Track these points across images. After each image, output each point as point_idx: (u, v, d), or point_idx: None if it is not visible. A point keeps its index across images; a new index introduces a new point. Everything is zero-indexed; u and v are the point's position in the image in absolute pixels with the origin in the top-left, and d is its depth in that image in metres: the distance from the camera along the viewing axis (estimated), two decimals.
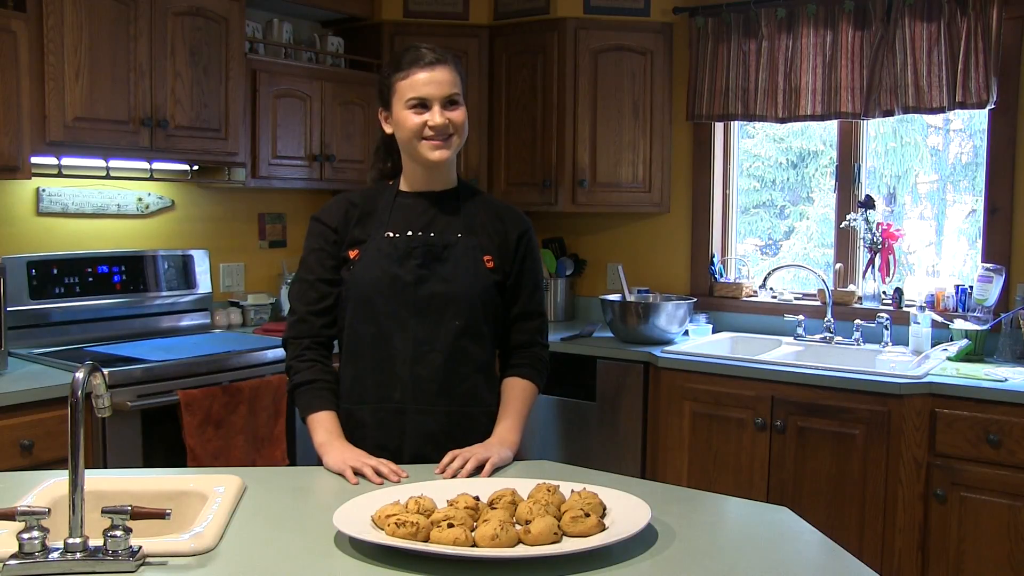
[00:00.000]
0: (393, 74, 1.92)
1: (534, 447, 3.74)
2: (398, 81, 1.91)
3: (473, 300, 1.92)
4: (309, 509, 1.57)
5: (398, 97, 1.91)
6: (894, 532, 2.98)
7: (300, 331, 1.99)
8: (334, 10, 3.96)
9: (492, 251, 1.97)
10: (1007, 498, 2.81)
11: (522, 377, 2.01)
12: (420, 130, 1.90)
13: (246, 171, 3.54)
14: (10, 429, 2.55)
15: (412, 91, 1.88)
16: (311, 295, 1.98)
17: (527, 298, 2.03)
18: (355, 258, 1.95)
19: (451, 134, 1.92)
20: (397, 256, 1.92)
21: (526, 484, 1.60)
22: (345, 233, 1.98)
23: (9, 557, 1.27)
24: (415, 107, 1.89)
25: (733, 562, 1.37)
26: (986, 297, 3.30)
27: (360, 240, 1.96)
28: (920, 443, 2.93)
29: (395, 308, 1.91)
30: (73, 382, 1.33)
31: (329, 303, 1.98)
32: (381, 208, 1.98)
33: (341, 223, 1.98)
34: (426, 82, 1.88)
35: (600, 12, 3.91)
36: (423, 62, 1.89)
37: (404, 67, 1.90)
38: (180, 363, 2.97)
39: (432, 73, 1.89)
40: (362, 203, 2.00)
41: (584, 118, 3.93)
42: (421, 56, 1.90)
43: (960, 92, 3.27)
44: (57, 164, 3.16)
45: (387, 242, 1.93)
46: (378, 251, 1.93)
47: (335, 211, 2.00)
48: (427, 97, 1.88)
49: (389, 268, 1.91)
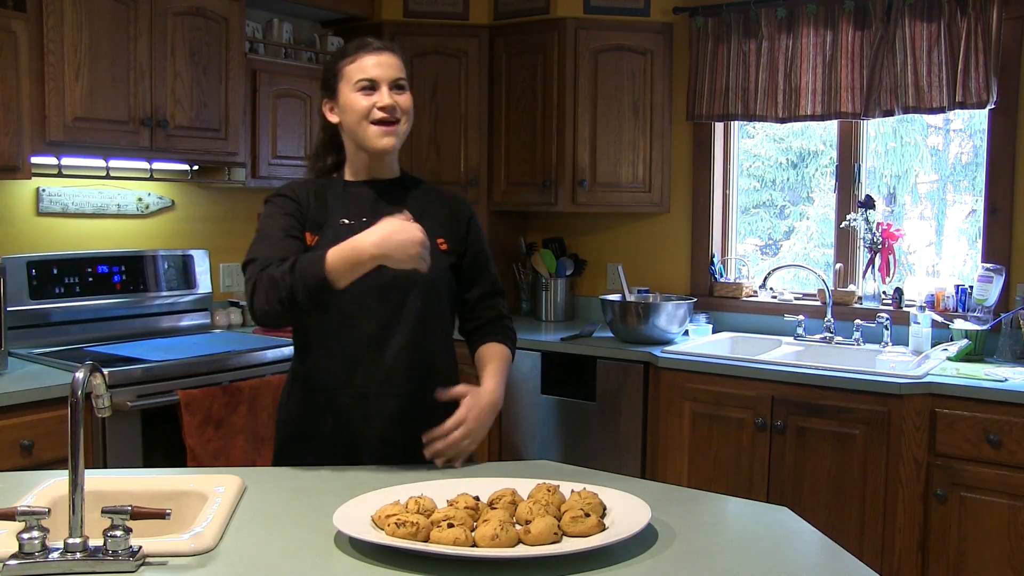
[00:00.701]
0: (339, 60, 1.95)
1: (534, 447, 3.74)
2: (346, 66, 1.94)
3: (432, 282, 1.94)
4: (309, 509, 1.56)
5: (346, 80, 1.93)
6: (894, 532, 2.98)
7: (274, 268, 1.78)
8: (334, 10, 3.96)
9: (444, 234, 1.99)
10: (1007, 498, 2.81)
11: (499, 343, 2.07)
12: (368, 111, 1.92)
13: (246, 171, 3.54)
14: (10, 429, 2.55)
15: (360, 72, 1.92)
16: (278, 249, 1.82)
17: (487, 278, 2.09)
18: (313, 244, 1.92)
19: (398, 119, 1.94)
20: None
21: (526, 484, 1.60)
22: (307, 211, 1.95)
23: (9, 557, 1.27)
24: (364, 89, 1.91)
25: (733, 562, 1.37)
26: (986, 297, 3.30)
27: (318, 223, 1.94)
28: (920, 443, 2.93)
29: (358, 293, 1.85)
30: (73, 382, 1.33)
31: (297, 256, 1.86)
32: (332, 197, 1.99)
33: (304, 199, 1.96)
34: (374, 64, 1.92)
35: (600, 12, 3.91)
36: (370, 48, 1.94)
37: (351, 53, 1.94)
38: (180, 363, 2.97)
39: (380, 56, 1.93)
40: (315, 189, 2.00)
41: (584, 118, 3.93)
42: (368, 43, 1.95)
43: (960, 92, 3.27)
44: (57, 164, 3.16)
45: (344, 228, 1.91)
46: (336, 238, 1.83)
47: (298, 188, 1.99)
48: (376, 78, 1.91)
49: None
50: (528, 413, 3.76)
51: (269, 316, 1.77)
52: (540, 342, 3.74)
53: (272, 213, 1.93)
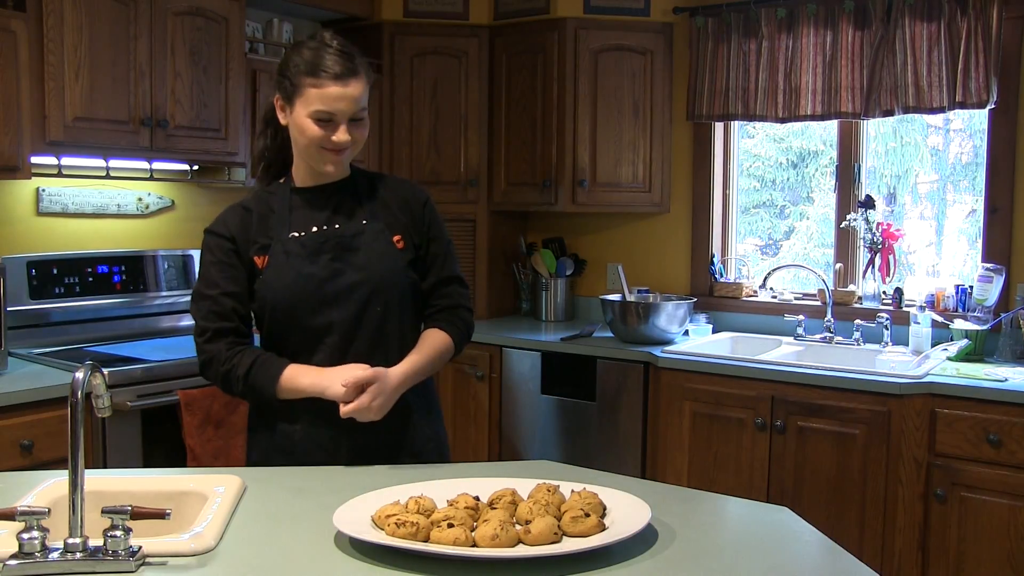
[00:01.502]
0: (303, 75, 1.82)
1: (534, 447, 3.74)
2: (307, 86, 1.82)
3: (391, 284, 1.91)
4: (309, 509, 1.56)
5: (303, 101, 1.83)
6: (894, 532, 2.98)
7: (217, 345, 1.87)
8: (334, 10, 3.96)
9: (400, 229, 1.96)
10: (1007, 498, 2.81)
11: (441, 330, 1.99)
12: (321, 141, 1.84)
13: (246, 171, 3.54)
14: (10, 429, 2.55)
15: (321, 104, 1.81)
16: (216, 310, 1.87)
17: (440, 264, 2.02)
18: (263, 266, 1.89)
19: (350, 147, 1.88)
20: (307, 254, 1.88)
21: (526, 484, 1.60)
22: (245, 241, 1.90)
23: (9, 557, 1.27)
24: (320, 120, 1.83)
25: (733, 562, 1.37)
26: (986, 297, 3.30)
27: (264, 245, 1.90)
28: (920, 443, 2.93)
29: (315, 305, 1.87)
30: (73, 382, 1.33)
31: (239, 316, 1.90)
32: (279, 209, 1.93)
33: (238, 231, 1.91)
34: (337, 98, 1.81)
35: (600, 12, 3.91)
36: (335, 73, 1.81)
37: (317, 73, 1.81)
38: (180, 363, 2.97)
39: (345, 89, 1.81)
40: (256, 207, 1.93)
41: (584, 118, 3.93)
42: (333, 65, 1.81)
43: (960, 92, 3.27)
44: (57, 164, 3.16)
45: (293, 242, 1.89)
46: (286, 253, 1.88)
47: (229, 220, 1.92)
48: (335, 113, 1.82)
49: (302, 268, 1.87)
50: (528, 413, 3.76)
51: (220, 388, 1.92)
52: (540, 342, 3.74)
53: (205, 260, 1.92)
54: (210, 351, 1.87)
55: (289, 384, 1.83)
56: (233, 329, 1.88)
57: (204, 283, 1.90)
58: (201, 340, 1.88)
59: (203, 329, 1.88)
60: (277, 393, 1.84)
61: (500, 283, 4.36)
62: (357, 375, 1.78)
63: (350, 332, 1.89)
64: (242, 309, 1.90)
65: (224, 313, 1.88)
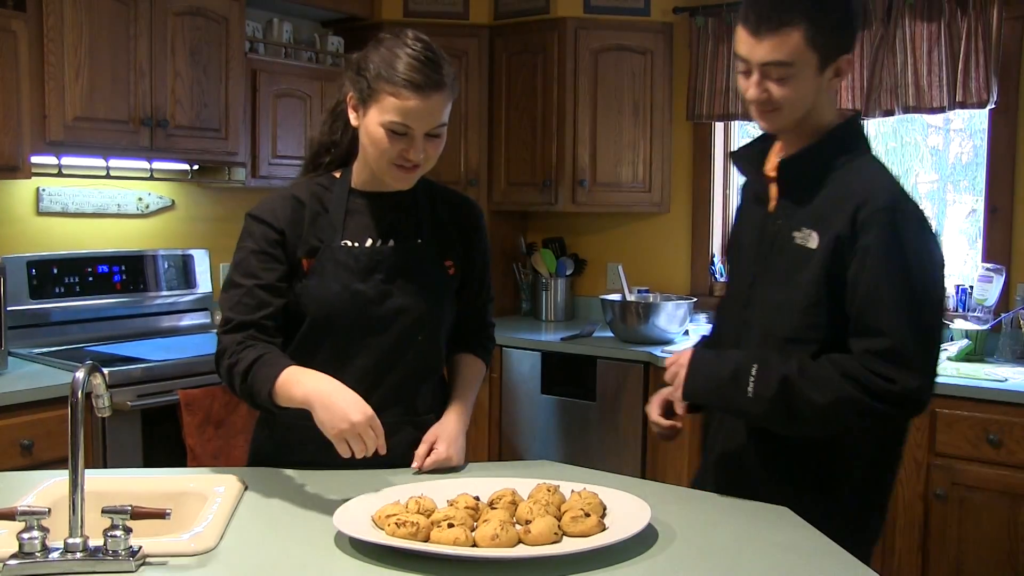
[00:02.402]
0: (382, 80, 1.64)
1: (534, 447, 3.74)
2: (385, 94, 1.64)
3: (437, 316, 1.82)
4: (309, 509, 1.56)
5: (379, 108, 1.65)
6: (894, 532, 2.98)
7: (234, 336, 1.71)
8: (334, 10, 3.96)
9: (452, 254, 1.85)
10: (1007, 498, 2.81)
11: (478, 356, 1.96)
12: (392, 156, 1.68)
13: (246, 171, 3.54)
14: (10, 429, 2.55)
15: (398, 116, 1.64)
16: (248, 302, 1.71)
17: (478, 289, 1.94)
18: (308, 270, 1.74)
19: (422, 164, 1.72)
20: (358, 270, 1.74)
21: (526, 484, 1.60)
22: (296, 237, 1.75)
23: (9, 557, 1.27)
24: (394, 132, 1.66)
25: (733, 562, 1.37)
26: (986, 297, 3.30)
27: (314, 248, 1.75)
28: (920, 443, 2.93)
29: (356, 326, 1.75)
30: (73, 382, 1.33)
31: (269, 312, 1.72)
32: (333, 209, 1.78)
33: (289, 224, 1.75)
34: (417, 113, 1.64)
35: (600, 12, 3.91)
36: (417, 84, 1.62)
37: (398, 81, 1.63)
38: (180, 363, 2.97)
39: (426, 102, 1.64)
40: (310, 202, 1.78)
41: (584, 118, 3.93)
42: (418, 77, 1.63)
43: (960, 92, 3.27)
44: (57, 164, 3.16)
45: (345, 252, 1.75)
46: (336, 263, 1.74)
47: (279, 210, 1.76)
48: (412, 127, 1.65)
49: (350, 283, 1.74)
50: (528, 413, 3.76)
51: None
52: (540, 342, 3.74)
53: (245, 246, 1.75)
54: (225, 342, 1.71)
55: (284, 390, 1.60)
56: (257, 323, 1.71)
57: (240, 272, 1.74)
58: (221, 330, 1.73)
59: (227, 319, 1.73)
60: (272, 398, 1.62)
61: (500, 283, 4.36)
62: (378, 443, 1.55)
63: (387, 359, 1.78)
64: (275, 305, 1.73)
65: (254, 305, 1.71)
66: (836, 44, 1.58)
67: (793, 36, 1.54)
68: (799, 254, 1.62)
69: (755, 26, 1.56)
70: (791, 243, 1.64)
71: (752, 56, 1.58)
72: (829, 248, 1.58)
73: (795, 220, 1.64)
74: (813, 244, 1.60)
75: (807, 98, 1.61)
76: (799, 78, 1.57)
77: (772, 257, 1.67)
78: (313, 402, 1.55)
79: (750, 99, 1.62)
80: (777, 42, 1.55)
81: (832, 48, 1.58)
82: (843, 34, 1.59)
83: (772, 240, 1.68)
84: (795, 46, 1.54)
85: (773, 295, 1.66)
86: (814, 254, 1.60)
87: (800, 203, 1.65)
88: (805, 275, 1.60)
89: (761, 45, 1.56)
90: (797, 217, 1.64)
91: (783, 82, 1.58)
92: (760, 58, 1.57)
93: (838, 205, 1.59)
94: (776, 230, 1.68)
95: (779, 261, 1.66)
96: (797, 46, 1.54)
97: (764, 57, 1.56)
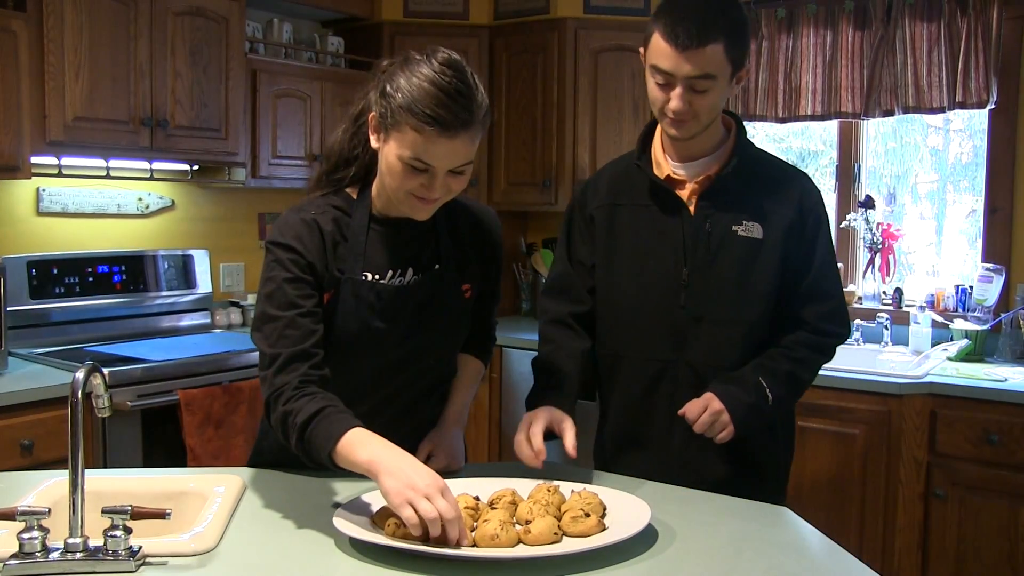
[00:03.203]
0: (406, 112, 1.49)
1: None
2: (408, 127, 1.49)
3: (455, 343, 1.81)
4: (309, 509, 1.56)
5: (399, 140, 1.51)
6: (894, 532, 2.98)
7: (289, 377, 1.52)
8: (334, 10, 3.96)
9: (470, 277, 1.77)
10: (1007, 498, 2.81)
11: (478, 357, 1.93)
12: (410, 190, 1.56)
13: (246, 171, 3.54)
14: (10, 429, 2.55)
15: (420, 153, 1.50)
16: (293, 334, 1.55)
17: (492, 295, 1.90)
18: (327, 301, 1.63)
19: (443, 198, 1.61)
20: (380, 307, 1.64)
21: (526, 484, 1.60)
22: (323, 267, 1.62)
23: (9, 557, 1.27)
24: (415, 168, 1.52)
25: (733, 562, 1.37)
26: (986, 297, 3.30)
27: (334, 279, 1.63)
28: (920, 443, 2.93)
29: (374, 363, 1.69)
30: (73, 382, 1.33)
31: (316, 340, 1.57)
32: (352, 237, 1.65)
33: (317, 255, 1.61)
34: (441, 155, 1.50)
35: (600, 12, 3.91)
36: (445, 123, 1.47)
37: (422, 116, 1.47)
38: (180, 363, 2.97)
39: (451, 142, 1.49)
40: (329, 229, 1.64)
41: (584, 118, 3.93)
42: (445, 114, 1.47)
43: (960, 92, 3.27)
44: (57, 164, 3.16)
45: (365, 287, 1.63)
46: (356, 298, 1.63)
47: (307, 240, 1.61)
48: (435, 167, 1.52)
49: (370, 321, 1.63)
50: None
51: None
52: None
53: (278, 279, 1.59)
54: (277, 384, 1.52)
55: (345, 452, 1.44)
56: (307, 352, 1.54)
57: (275, 304, 1.57)
58: (271, 371, 1.53)
59: (273, 357, 1.54)
60: (333, 458, 1.45)
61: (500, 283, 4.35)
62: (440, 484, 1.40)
63: (401, 386, 1.75)
64: (320, 333, 1.58)
65: (300, 336, 1.55)
66: (743, 56, 1.74)
67: (717, 50, 1.66)
68: (747, 245, 1.78)
69: (684, 43, 1.65)
70: (734, 236, 1.78)
71: (679, 71, 1.67)
72: (781, 235, 1.78)
73: (730, 216, 1.79)
74: (758, 234, 1.78)
75: (719, 106, 1.76)
76: (716, 88, 1.70)
77: (714, 252, 1.79)
78: (378, 468, 1.39)
79: (672, 109, 1.71)
80: (704, 57, 1.66)
81: (741, 58, 1.73)
82: (747, 47, 1.76)
83: (708, 236, 1.79)
84: (718, 60, 1.68)
85: (724, 285, 1.79)
86: (763, 243, 1.78)
87: (729, 201, 1.79)
88: (761, 262, 1.78)
89: (688, 62, 1.66)
90: (732, 213, 1.79)
91: (704, 94, 1.70)
92: (687, 72, 1.67)
93: (778, 198, 1.80)
94: (711, 227, 1.79)
95: (725, 254, 1.78)
96: (720, 60, 1.68)
97: (691, 71, 1.67)
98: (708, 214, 1.79)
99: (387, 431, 1.49)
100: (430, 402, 1.84)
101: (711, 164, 1.82)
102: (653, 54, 1.71)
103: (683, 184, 1.83)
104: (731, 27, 1.68)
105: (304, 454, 1.50)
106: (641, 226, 1.86)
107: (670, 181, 1.83)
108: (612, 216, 1.90)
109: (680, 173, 1.83)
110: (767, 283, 1.79)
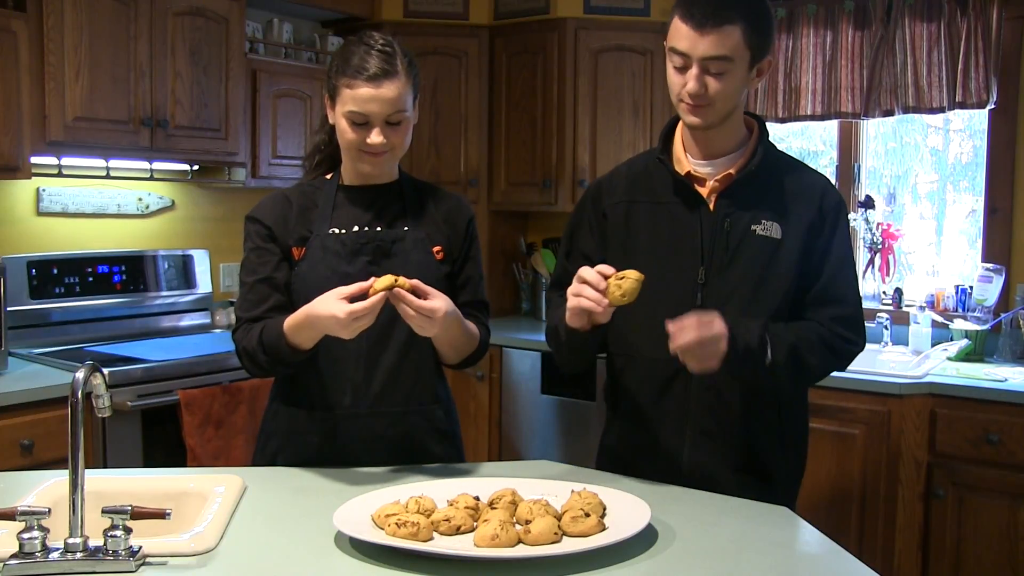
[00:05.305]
0: (339, 72, 1.77)
1: (534, 447, 3.74)
2: (343, 87, 1.76)
3: None
4: (309, 509, 1.57)
5: (340, 102, 1.78)
6: (894, 532, 2.98)
7: (242, 335, 1.83)
8: (334, 10, 3.96)
9: (440, 241, 1.90)
10: (1007, 498, 2.81)
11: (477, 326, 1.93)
12: (356, 144, 1.79)
13: (246, 171, 3.54)
14: (10, 429, 2.55)
15: (353, 104, 1.75)
16: (251, 298, 1.84)
17: (473, 288, 1.95)
18: (300, 257, 1.85)
19: (387, 151, 1.80)
20: (345, 253, 1.83)
21: (526, 484, 1.60)
22: (283, 228, 1.86)
23: (9, 557, 1.27)
24: (353, 122, 1.77)
25: (733, 562, 1.37)
26: (986, 297, 3.30)
27: (303, 237, 1.86)
28: (920, 443, 2.93)
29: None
30: (73, 382, 1.33)
31: (271, 305, 1.83)
32: (322, 203, 1.88)
33: (277, 220, 1.87)
34: (368, 99, 1.74)
35: (600, 12, 3.91)
36: (369, 74, 1.74)
37: (350, 71, 1.75)
38: (180, 363, 2.97)
39: (377, 90, 1.74)
40: (298, 198, 1.89)
41: (584, 118, 3.93)
42: (367, 65, 1.74)
43: (960, 92, 3.27)
44: (57, 164, 3.16)
45: (332, 239, 1.84)
46: (324, 249, 1.83)
47: (268, 209, 1.89)
48: (367, 114, 1.75)
49: (337, 266, 1.82)
50: (528, 413, 3.76)
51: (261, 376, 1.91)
52: (540, 342, 3.73)
53: (246, 247, 1.90)
54: (237, 339, 1.84)
55: (291, 330, 1.72)
56: (260, 318, 1.82)
57: (244, 271, 1.88)
58: (234, 331, 1.86)
59: (237, 320, 1.86)
60: (290, 342, 1.73)
61: (500, 283, 4.36)
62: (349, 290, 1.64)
63: (380, 340, 1.83)
64: (275, 297, 1.84)
65: (256, 300, 1.84)
66: (764, 45, 1.71)
67: (734, 33, 1.65)
68: (765, 244, 1.76)
69: (699, 22, 1.64)
70: (753, 235, 1.76)
71: (694, 51, 1.66)
72: (801, 235, 1.76)
73: (749, 215, 1.77)
74: (777, 234, 1.76)
75: (736, 94, 1.72)
76: (733, 74, 1.68)
77: (732, 250, 1.77)
78: (310, 321, 1.68)
79: (688, 91, 1.69)
80: (720, 38, 1.64)
81: (761, 48, 1.70)
82: (769, 37, 1.74)
83: (727, 235, 1.77)
84: (735, 42, 1.65)
85: (741, 285, 1.77)
86: (782, 243, 1.76)
87: (750, 200, 1.78)
88: (778, 262, 1.76)
89: (704, 40, 1.65)
90: (751, 212, 1.77)
91: (720, 77, 1.67)
92: (702, 53, 1.65)
93: (798, 199, 1.78)
94: (730, 226, 1.77)
95: (743, 253, 1.77)
96: (737, 42, 1.65)
97: (706, 52, 1.65)
98: (727, 212, 1.77)
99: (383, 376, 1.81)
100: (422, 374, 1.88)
101: (732, 162, 1.80)
102: (672, 37, 1.70)
103: (703, 181, 1.80)
104: (750, 12, 1.66)
105: (276, 362, 1.77)
106: (659, 224, 1.84)
107: (690, 178, 1.81)
108: (628, 214, 1.88)
109: (701, 170, 1.81)
110: (784, 283, 1.77)
